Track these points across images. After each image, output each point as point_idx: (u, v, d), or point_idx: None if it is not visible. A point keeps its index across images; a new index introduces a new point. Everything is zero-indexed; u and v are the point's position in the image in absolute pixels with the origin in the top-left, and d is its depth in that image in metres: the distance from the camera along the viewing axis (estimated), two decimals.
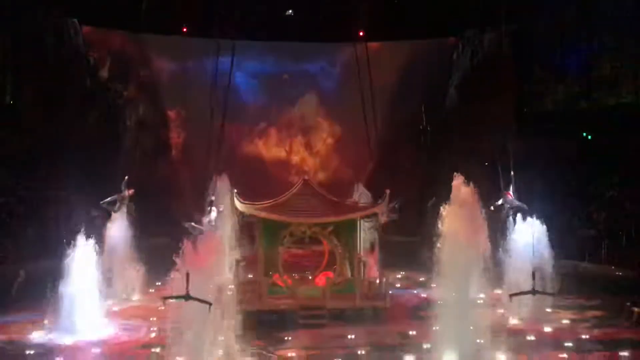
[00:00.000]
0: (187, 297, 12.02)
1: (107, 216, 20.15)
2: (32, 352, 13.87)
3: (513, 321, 16.59)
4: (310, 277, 20.07)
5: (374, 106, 30.13)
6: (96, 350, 14.02)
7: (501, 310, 17.29)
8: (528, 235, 17.68)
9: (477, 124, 30.40)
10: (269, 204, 17.71)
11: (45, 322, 15.94)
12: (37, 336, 14.93)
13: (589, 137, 29.87)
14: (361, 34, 33.88)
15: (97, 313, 16.11)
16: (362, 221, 18.24)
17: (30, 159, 27.03)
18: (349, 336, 15.09)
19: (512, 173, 20.37)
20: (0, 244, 23.14)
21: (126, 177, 20.44)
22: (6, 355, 12.85)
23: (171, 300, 12.38)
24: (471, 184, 13.82)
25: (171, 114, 34.01)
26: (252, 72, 35.64)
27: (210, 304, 12.13)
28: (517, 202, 19.09)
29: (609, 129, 28.19)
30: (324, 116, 35.91)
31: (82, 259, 16.17)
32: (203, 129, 33.76)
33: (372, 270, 17.95)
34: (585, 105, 30.44)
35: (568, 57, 30.94)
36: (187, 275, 11.84)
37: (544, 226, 17.84)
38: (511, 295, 14.53)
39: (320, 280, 18.00)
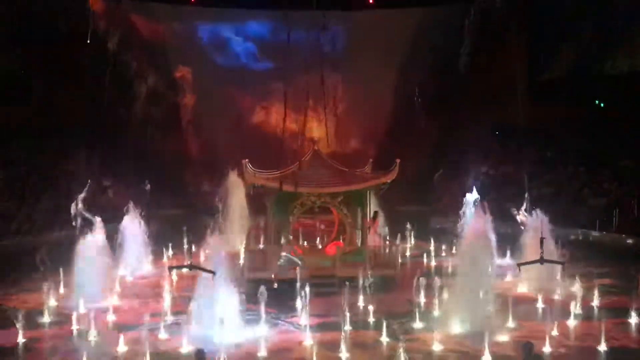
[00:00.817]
0: (190, 266, 12.82)
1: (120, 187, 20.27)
2: (47, 320, 14.16)
3: (522, 289, 16.66)
4: (320, 247, 20.21)
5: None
6: (110, 318, 14.27)
7: (510, 279, 17.40)
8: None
9: (488, 91, 30.13)
10: (279, 174, 17.71)
11: (60, 291, 16.23)
12: (52, 305, 15.17)
13: (602, 104, 29.56)
14: (371, 1, 33.44)
15: (110, 282, 16.35)
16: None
17: (42, 131, 27.14)
18: (359, 304, 15.24)
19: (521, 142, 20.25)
20: (15, 214, 23.38)
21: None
22: (22, 323, 13.09)
23: (175, 270, 13.09)
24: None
25: (180, 80, 33.95)
26: (260, 40, 35.41)
27: (214, 273, 12.41)
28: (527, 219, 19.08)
29: (622, 96, 27.87)
30: (334, 84, 35.61)
31: (95, 230, 16.44)
32: (212, 96, 33.72)
33: (374, 239, 17.97)
34: (598, 73, 30.04)
35: (581, 23, 30.42)
36: (191, 246, 12.71)
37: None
38: (519, 265, 14.58)
39: (331, 249, 18.09)
